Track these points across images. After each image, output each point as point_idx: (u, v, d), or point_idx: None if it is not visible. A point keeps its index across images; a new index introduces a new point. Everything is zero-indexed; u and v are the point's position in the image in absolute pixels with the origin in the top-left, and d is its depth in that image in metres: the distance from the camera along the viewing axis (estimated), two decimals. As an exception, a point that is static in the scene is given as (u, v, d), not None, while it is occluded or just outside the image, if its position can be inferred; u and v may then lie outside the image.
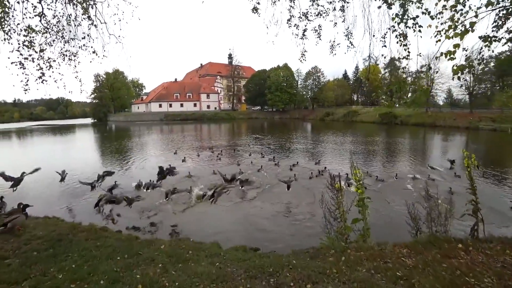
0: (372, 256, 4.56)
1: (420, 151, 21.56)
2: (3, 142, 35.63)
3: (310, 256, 4.55)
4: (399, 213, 8.58)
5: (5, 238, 4.41)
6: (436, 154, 18.75)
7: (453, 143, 26.63)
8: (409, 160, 17.59)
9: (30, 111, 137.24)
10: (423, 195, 9.20)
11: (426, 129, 39.43)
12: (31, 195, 10.78)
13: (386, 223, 8.03)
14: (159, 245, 4.38)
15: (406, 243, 5.37)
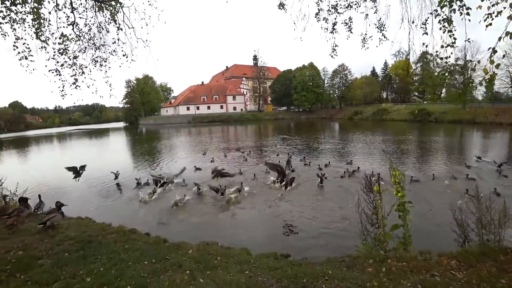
0: (416, 267, 4.10)
1: (457, 149, 20.09)
2: (47, 146, 38.31)
3: (346, 266, 4.19)
4: (441, 217, 7.84)
5: (41, 238, 4.52)
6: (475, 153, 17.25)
7: (495, 141, 24.44)
8: (445, 159, 16.42)
9: (69, 116, 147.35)
10: (471, 197, 8.39)
11: (464, 126, 36.63)
12: (68, 194, 11.37)
13: (427, 229, 7.32)
14: (186, 249, 4.25)
15: (453, 253, 4.82)
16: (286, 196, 10.06)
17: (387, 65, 76.61)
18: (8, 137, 64.57)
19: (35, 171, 17.45)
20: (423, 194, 9.81)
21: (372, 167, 13.72)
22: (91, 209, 9.55)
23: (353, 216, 7.51)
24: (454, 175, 11.90)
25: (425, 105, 56.54)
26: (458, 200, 9.29)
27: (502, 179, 11.19)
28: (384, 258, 4.47)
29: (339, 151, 20.37)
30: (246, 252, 4.49)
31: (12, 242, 4.36)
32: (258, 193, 10.52)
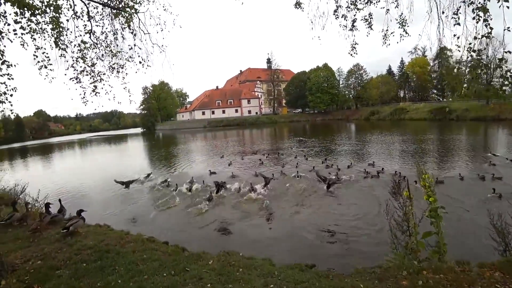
0: (456, 281, 3.71)
1: (482, 148, 18.99)
2: (69, 152, 39.65)
3: (377, 278, 3.85)
4: (475, 222, 7.31)
5: (60, 246, 4.46)
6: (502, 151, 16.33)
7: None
8: (468, 158, 15.66)
9: (89, 123, 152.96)
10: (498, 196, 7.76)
11: (488, 123, 34.80)
12: (87, 199, 11.54)
13: (461, 236, 6.75)
14: (207, 260, 4.05)
15: (495, 263, 4.39)
16: (307, 200, 9.73)
17: (403, 63, 74.71)
18: (33, 144, 67.62)
19: (57, 177, 17.96)
20: (450, 197, 9.24)
21: (394, 169, 13.16)
22: (109, 214, 9.63)
23: (379, 221, 7.12)
24: (480, 174, 11.38)
25: (445, 103, 54.57)
26: (489, 202, 8.72)
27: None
28: (418, 270, 4.10)
29: (358, 152, 19.86)
30: (270, 263, 4.23)
31: (32, 251, 4.32)
32: (278, 198, 10.24)
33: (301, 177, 12.94)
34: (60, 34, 6.13)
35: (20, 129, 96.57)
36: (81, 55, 6.59)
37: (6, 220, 6.07)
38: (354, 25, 6.39)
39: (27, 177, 17.51)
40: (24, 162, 29.99)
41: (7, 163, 30.97)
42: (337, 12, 6.31)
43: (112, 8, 6.71)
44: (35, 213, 6.98)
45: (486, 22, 3.90)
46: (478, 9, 3.89)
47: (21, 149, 52.12)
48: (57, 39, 6.11)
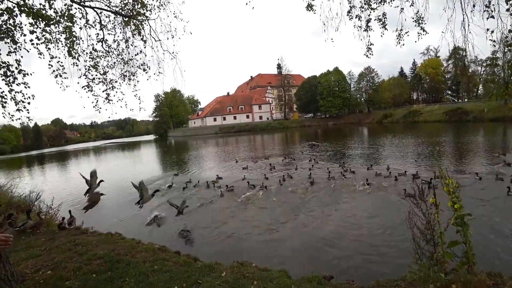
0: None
1: (499, 149, 18.22)
2: (84, 159, 40.54)
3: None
4: (500, 227, 6.87)
5: (70, 256, 4.38)
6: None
7: None
8: (485, 159, 15.11)
9: (103, 130, 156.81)
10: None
11: (507, 124, 33.47)
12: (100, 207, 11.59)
13: (486, 243, 6.32)
14: (219, 271, 3.86)
15: (530, 274, 4.04)
16: (322, 207, 9.44)
17: (415, 65, 73.25)
18: (50, 151, 69.67)
19: (72, 184, 18.23)
20: (471, 197, 8.79)
21: (411, 172, 12.72)
22: (121, 221, 9.63)
23: (400, 229, 6.77)
24: (498, 175, 11.00)
25: (460, 104, 53.01)
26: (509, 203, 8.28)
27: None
28: (447, 283, 3.80)
29: (372, 156, 19.37)
30: (285, 275, 4.00)
31: (43, 260, 4.25)
32: (291, 205, 10.00)
33: (314, 182, 12.71)
34: (73, 44, 6.22)
35: (38, 137, 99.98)
36: (94, 63, 6.68)
37: (20, 227, 6.11)
38: (368, 25, 6.23)
39: (43, 184, 18.00)
40: (41, 169, 30.79)
41: (25, 169, 31.90)
42: (351, 12, 6.16)
43: (123, 16, 6.77)
44: (48, 221, 7.02)
45: None
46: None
47: (39, 156, 53.72)
48: (70, 49, 6.21)
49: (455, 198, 4.43)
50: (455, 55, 61.87)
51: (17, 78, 5.38)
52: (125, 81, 7.22)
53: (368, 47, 6.39)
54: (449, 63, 66.30)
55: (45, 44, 5.90)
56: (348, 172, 14.13)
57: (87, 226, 7.24)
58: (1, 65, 5.30)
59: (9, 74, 5.31)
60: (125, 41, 6.84)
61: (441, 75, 66.15)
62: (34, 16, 5.44)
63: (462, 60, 61.95)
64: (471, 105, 46.98)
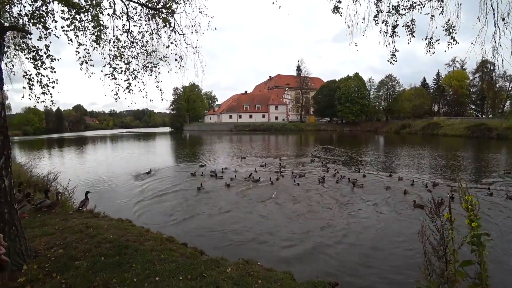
0: (503, 320, 3.25)
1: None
2: (101, 145, 41.76)
3: (409, 306, 3.48)
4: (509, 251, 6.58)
5: (81, 237, 4.50)
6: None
7: None
8: (499, 178, 14.52)
9: (121, 119, 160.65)
10: None
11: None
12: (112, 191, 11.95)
13: (503, 267, 6.05)
14: (225, 267, 3.86)
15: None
16: (331, 213, 9.33)
17: (439, 76, 70.98)
18: (70, 136, 72.14)
19: (88, 168, 18.84)
20: (486, 217, 8.48)
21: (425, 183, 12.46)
22: (131, 207, 9.89)
23: (410, 242, 6.60)
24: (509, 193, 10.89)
25: (484, 119, 50.93)
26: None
27: None
28: (456, 303, 3.65)
29: (386, 165, 18.97)
30: (290, 277, 3.97)
31: (55, 239, 4.39)
32: (302, 209, 9.94)
33: (324, 183, 13.04)
34: (100, 32, 6.40)
35: (60, 121, 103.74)
36: (119, 53, 6.84)
37: (37, 205, 6.36)
38: (395, 31, 6.07)
39: (61, 166, 18.66)
40: (60, 152, 31.94)
41: (45, 151, 33.17)
42: (377, 17, 6.01)
43: (150, 9, 6.89)
44: (63, 202, 7.25)
45: None
46: None
47: (59, 140, 55.74)
48: (97, 37, 6.39)
49: (473, 216, 4.26)
50: (482, 68, 59.56)
51: (44, 63, 5.57)
52: (147, 71, 7.35)
53: (392, 53, 6.22)
54: (475, 76, 63.86)
55: (74, 31, 6.08)
56: (360, 179, 13.97)
57: (99, 210, 7.44)
58: (31, 49, 5.50)
59: (38, 58, 5.50)
60: (150, 33, 6.96)
61: (465, 88, 63.73)
62: (65, 4, 5.62)
63: (490, 74, 59.59)
64: (496, 121, 45.04)
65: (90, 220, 5.60)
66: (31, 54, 5.57)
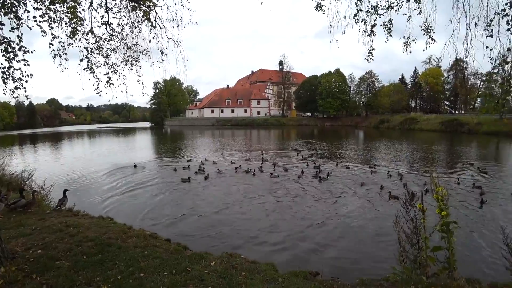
0: (467, 301, 3.54)
1: (493, 160, 19.25)
2: (78, 141, 40.20)
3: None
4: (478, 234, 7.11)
5: (61, 236, 4.41)
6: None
7: None
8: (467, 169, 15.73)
9: (99, 114, 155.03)
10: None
11: (500, 138, 34.14)
12: (93, 189, 11.64)
13: (468, 251, 6.51)
14: (209, 261, 3.93)
15: (507, 284, 4.21)
16: (310, 205, 9.60)
17: (416, 73, 73.70)
18: (43, 131, 68.87)
19: (64, 165, 18.15)
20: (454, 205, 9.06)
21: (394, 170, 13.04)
22: (112, 204, 9.70)
23: (387, 231, 6.93)
24: (476, 183, 11.80)
25: (457, 115, 53.63)
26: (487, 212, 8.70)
27: None
28: (427, 286, 3.93)
29: (366, 157, 19.70)
30: (273, 268, 4.10)
31: (33, 239, 4.27)
32: (282, 200, 10.15)
33: (303, 176, 13.46)
34: (77, 24, 6.14)
35: (32, 116, 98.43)
36: (97, 46, 6.60)
37: (11, 204, 6.10)
38: (373, 30, 6.25)
39: (35, 164, 17.89)
40: (33, 148, 30.49)
41: (17, 148, 31.54)
42: (357, 16, 6.17)
43: (130, 1, 6.69)
44: (40, 201, 7.00)
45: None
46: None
47: (32, 136, 53.14)
48: (74, 29, 6.13)
49: (443, 206, 4.57)
50: (456, 67, 62.48)
51: (17, 55, 5.31)
52: (127, 65, 7.16)
53: (370, 51, 6.42)
54: (449, 74, 66.95)
55: (48, 22, 5.80)
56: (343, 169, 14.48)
57: (78, 208, 7.25)
58: (2, 40, 5.22)
59: (10, 50, 5.24)
60: (130, 26, 6.77)
61: (440, 85, 66.72)
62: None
63: (462, 73, 62.60)
64: (468, 117, 47.50)
65: (69, 219, 5.47)
66: (2, 46, 5.29)
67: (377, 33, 6.28)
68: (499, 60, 3.93)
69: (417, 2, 5.65)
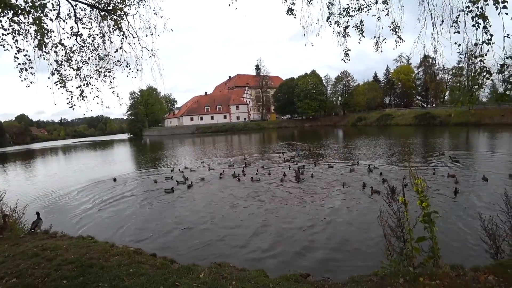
0: (453, 286, 3.66)
1: (463, 149, 20.57)
2: (52, 158, 38.26)
3: (374, 287, 3.75)
4: (465, 226, 7.39)
5: (37, 262, 4.13)
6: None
7: (501, 141, 24.68)
8: (441, 159, 16.66)
9: (74, 128, 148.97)
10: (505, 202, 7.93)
11: (469, 128, 36.52)
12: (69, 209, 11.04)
13: (449, 239, 6.76)
14: (197, 273, 3.81)
15: (488, 267, 4.36)
16: (294, 206, 9.66)
17: (389, 71, 76.70)
18: (14, 149, 65.13)
19: (38, 185, 17.20)
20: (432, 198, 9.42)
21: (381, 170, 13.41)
22: (93, 222, 9.28)
23: (373, 226, 7.06)
24: (450, 172, 12.44)
25: (429, 109, 56.32)
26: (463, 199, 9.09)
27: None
28: (415, 276, 4.02)
29: (346, 155, 20.21)
30: (263, 274, 4.04)
31: (6, 268, 3.97)
32: (265, 203, 10.14)
33: (285, 179, 13.46)
34: (44, 36, 5.85)
35: (0, 134, 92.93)
36: (66, 58, 6.32)
37: (-20, 231, 5.68)
38: (346, 31, 6.44)
39: (5, 185, 16.83)
40: (3, 168, 28.71)
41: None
42: (330, 19, 6.34)
43: (100, 10, 6.48)
44: (12, 225, 6.56)
45: (485, 29, 3.94)
46: (477, 16, 3.93)
47: (1, 155, 50.11)
48: (40, 41, 5.83)
49: (423, 197, 4.72)
50: (425, 63, 65.94)
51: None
52: (100, 77, 6.91)
53: (345, 52, 6.61)
54: (419, 70, 70.36)
55: (12, 35, 5.49)
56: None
57: (56, 229, 6.85)
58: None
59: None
60: (101, 36, 6.56)
61: (412, 81, 69.90)
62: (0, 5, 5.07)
63: (431, 68, 66.06)
64: (439, 110, 50.05)
65: (46, 242, 5.14)
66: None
67: (350, 34, 6.51)
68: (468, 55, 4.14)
69: (385, 4, 5.90)
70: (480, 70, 3.85)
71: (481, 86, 4.07)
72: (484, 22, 3.75)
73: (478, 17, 3.74)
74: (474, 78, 3.96)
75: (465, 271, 4.32)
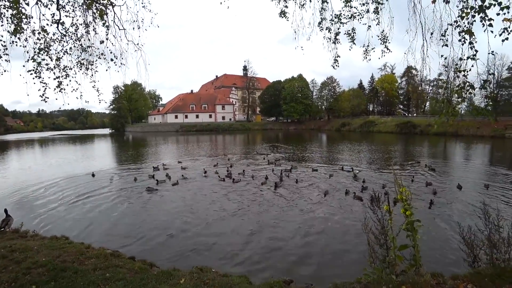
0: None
1: (441, 158, 21.48)
2: (27, 151, 36.39)
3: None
4: (443, 234, 7.59)
5: (4, 264, 3.83)
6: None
7: (476, 151, 26.18)
8: (419, 167, 17.18)
9: (52, 121, 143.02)
10: (481, 211, 8.20)
11: (447, 138, 38.27)
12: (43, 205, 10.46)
13: (429, 247, 6.92)
14: (178, 278, 3.64)
15: (466, 275, 4.44)
16: (278, 211, 9.59)
17: (373, 79, 78.79)
18: (-16, 141, 61.60)
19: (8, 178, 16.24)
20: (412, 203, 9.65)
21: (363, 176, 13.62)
22: (69, 221, 8.81)
23: (356, 233, 7.12)
24: (427, 180, 12.78)
25: (410, 118, 58.27)
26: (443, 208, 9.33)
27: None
28: (397, 284, 4.04)
29: (330, 158, 20.41)
30: (246, 280, 3.93)
31: (-31, 270, 3.66)
32: (249, 208, 10.01)
33: (266, 182, 13.46)
34: (21, 21, 5.49)
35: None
36: (45, 46, 5.96)
37: None
38: (337, 38, 6.47)
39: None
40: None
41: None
42: (321, 24, 6.35)
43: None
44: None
45: (471, 45, 4.03)
46: (464, 32, 4.01)
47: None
48: (17, 26, 5.47)
49: (407, 206, 4.77)
50: (408, 73, 68.39)
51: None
52: (81, 69, 6.58)
53: (335, 58, 6.65)
54: (402, 80, 72.79)
55: (-15, 19, 5.12)
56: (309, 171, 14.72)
57: (27, 228, 6.43)
58: None
59: None
60: (85, 25, 6.24)
61: (395, 90, 72.08)
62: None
63: (413, 79, 68.69)
64: (419, 119, 51.90)
65: (15, 242, 4.80)
66: None
67: (341, 41, 6.55)
68: (453, 68, 4.24)
69: (376, 13, 5.97)
70: (464, 85, 3.95)
71: (463, 100, 4.17)
72: (470, 38, 3.84)
73: (465, 32, 3.83)
74: (458, 92, 4.05)
75: (445, 279, 4.38)
